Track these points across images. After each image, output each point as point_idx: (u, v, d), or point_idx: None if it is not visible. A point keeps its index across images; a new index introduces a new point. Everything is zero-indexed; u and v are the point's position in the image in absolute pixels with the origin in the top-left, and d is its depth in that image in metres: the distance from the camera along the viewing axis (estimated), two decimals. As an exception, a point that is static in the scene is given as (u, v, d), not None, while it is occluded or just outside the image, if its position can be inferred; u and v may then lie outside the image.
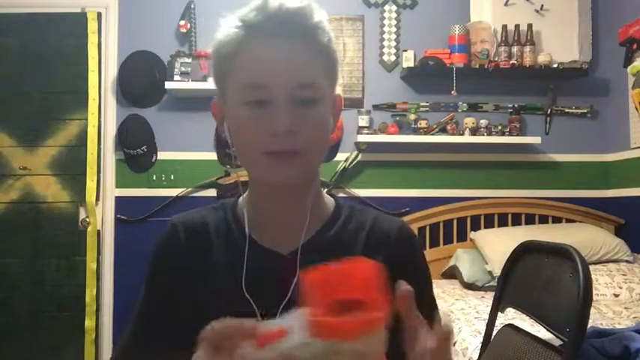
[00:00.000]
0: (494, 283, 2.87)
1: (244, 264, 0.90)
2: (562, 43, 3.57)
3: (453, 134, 3.55)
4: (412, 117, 3.54)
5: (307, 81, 0.86)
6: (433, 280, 1.04)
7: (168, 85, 3.36)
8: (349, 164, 3.53)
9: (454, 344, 2.29)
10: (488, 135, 3.55)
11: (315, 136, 0.87)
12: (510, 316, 1.94)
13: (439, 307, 1.01)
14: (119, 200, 3.51)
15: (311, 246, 0.92)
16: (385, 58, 3.65)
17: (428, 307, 0.94)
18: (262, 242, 0.93)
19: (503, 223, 3.54)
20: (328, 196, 1.01)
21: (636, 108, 3.20)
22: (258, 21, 0.86)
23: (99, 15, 3.55)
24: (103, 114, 3.53)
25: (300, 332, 0.54)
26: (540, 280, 1.52)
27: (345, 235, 0.95)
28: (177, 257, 0.95)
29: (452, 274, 3.34)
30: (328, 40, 0.89)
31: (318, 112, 0.87)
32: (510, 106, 3.63)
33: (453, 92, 3.47)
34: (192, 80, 3.36)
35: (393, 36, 3.65)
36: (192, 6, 3.49)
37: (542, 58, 3.50)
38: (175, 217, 0.99)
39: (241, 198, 1.00)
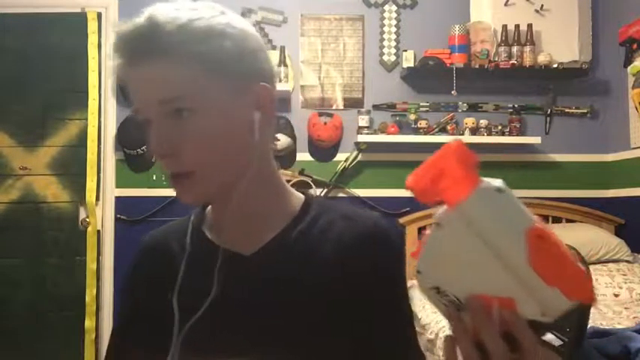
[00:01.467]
0: (494, 283, 2.87)
1: (180, 276, 0.89)
2: (562, 43, 3.57)
3: (453, 134, 3.55)
4: (412, 117, 3.54)
5: (170, 96, 0.80)
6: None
7: (168, 85, 3.36)
8: (349, 164, 3.53)
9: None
10: (488, 135, 3.55)
11: (206, 150, 0.81)
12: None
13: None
14: (119, 200, 3.51)
15: (273, 245, 0.89)
16: (385, 58, 3.65)
17: (392, 312, 0.91)
18: (225, 246, 0.90)
19: (503, 223, 3.53)
20: (297, 193, 0.96)
21: (636, 108, 3.20)
22: (118, 46, 0.83)
23: (99, 15, 3.55)
24: (103, 114, 3.53)
25: None
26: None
27: (312, 234, 0.90)
28: (141, 279, 0.97)
29: (452, 274, 3.33)
30: (198, 41, 0.80)
31: (201, 123, 0.81)
32: (510, 106, 3.63)
33: (453, 92, 3.47)
34: (192, 80, 3.36)
35: (393, 36, 3.65)
36: (192, 6, 3.48)
37: (542, 58, 3.50)
38: (144, 236, 1.01)
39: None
